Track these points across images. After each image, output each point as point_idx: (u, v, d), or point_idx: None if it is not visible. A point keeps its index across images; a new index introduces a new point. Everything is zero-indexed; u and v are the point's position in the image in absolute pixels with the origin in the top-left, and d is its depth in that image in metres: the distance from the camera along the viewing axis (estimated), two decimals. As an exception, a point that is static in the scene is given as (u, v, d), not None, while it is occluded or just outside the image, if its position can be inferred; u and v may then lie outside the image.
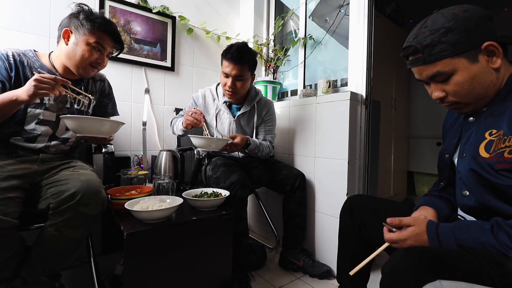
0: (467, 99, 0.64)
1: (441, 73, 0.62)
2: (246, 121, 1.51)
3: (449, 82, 0.63)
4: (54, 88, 0.87)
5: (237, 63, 1.31)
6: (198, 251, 1.02)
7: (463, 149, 0.68)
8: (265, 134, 1.54)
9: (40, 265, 0.88)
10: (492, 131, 0.62)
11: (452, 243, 0.57)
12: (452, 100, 0.66)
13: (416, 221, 0.65)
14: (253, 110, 1.51)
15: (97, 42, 1.03)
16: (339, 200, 1.38)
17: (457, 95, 0.64)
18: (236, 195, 1.21)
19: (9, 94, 0.88)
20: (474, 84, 0.62)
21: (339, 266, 0.98)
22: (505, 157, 0.57)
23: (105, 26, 1.04)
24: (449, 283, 0.45)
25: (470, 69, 0.61)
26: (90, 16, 1.02)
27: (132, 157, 1.65)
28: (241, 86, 1.37)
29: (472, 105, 0.65)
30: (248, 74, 1.38)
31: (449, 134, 0.79)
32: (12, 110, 0.92)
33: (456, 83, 0.62)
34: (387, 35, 2.51)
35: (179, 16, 1.83)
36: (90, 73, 1.09)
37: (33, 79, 0.85)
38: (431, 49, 0.61)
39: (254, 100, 1.50)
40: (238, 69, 1.32)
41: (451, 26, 0.59)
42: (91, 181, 0.91)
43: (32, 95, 0.85)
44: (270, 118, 1.55)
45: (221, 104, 1.47)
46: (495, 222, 0.56)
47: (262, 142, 1.49)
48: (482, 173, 0.60)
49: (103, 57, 1.08)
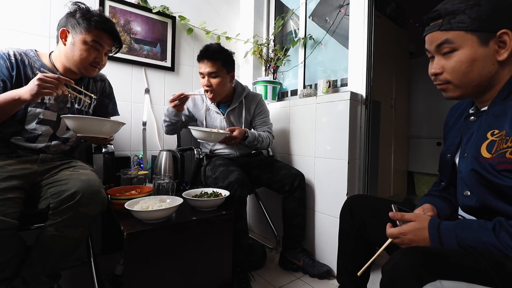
0: (459, 80, 0.64)
1: (450, 41, 0.62)
2: (236, 117, 1.53)
3: (450, 57, 0.63)
4: (57, 87, 0.88)
5: (208, 60, 1.36)
6: (198, 251, 1.02)
7: (465, 149, 0.68)
8: (261, 126, 1.57)
9: (40, 265, 0.88)
10: (494, 131, 0.61)
11: (453, 241, 0.57)
12: (445, 78, 0.66)
13: (418, 217, 0.65)
14: (241, 106, 1.53)
15: (94, 41, 1.02)
16: (339, 200, 1.38)
17: (453, 73, 0.64)
18: (235, 195, 1.21)
19: (11, 93, 0.88)
20: (473, 67, 0.62)
21: (339, 266, 0.97)
22: (507, 158, 0.56)
23: (102, 24, 1.02)
24: (449, 283, 0.44)
25: (476, 51, 0.61)
26: (86, 14, 1.01)
27: (132, 157, 1.65)
28: (217, 83, 1.38)
29: (460, 89, 0.65)
30: (223, 71, 1.39)
31: (450, 134, 0.79)
32: (14, 109, 0.92)
33: (457, 60, 0.62)
34: (387, 35, 2.51)
35: (179, 16, 1.83)
36: (92, 73, 1.08)
37: (36, 78, 0.85)
38: (451, 17, 0.61)
39: (242, 95, 1.52)
40: (210, 66, 1.36)
41: (480, 1, 0.59)
42: (91, 181, 0.91)
43: (36, 94, 0.85)
44: (261, 111, 1.58)
45: (210, 104, 1.51)
46: (498, 221, 0.56)
47: (261, 133, 1.52)
48: (484, 174, 0.60)
49: (101, 56, 1.07)
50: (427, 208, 0.75)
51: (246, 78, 2.16)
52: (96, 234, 1.50)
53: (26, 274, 0.87)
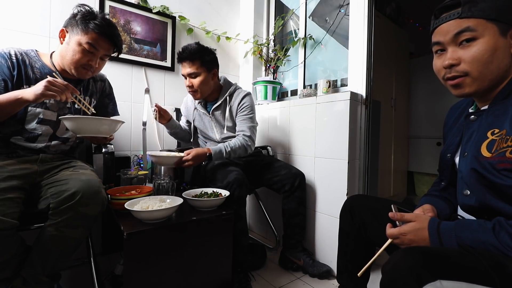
0: (479, 71, 0.61)
1: (471, 29, 0.60)
2: (221, 115, 1.50)
3: (470, 46, 0.61)
4: (63, 92, 0.89)
5: (186, 61, 1.35)
6: (198, 251, 1.02)
7: (465, 148, 0.68)
8: (240, 125, 1.45)
9: (40, 265, 0.88)
10: (494, 130, 0.61)
11: (453, 242, 0.57)
12: (464, 69, 0.62)
13: (418, 217, 0.65)
14: (226, 103, 1.49)
15: (89, 43, 1.00)
16: (339, 200, 1.38)
17: (474, 63, 0.61)
18: (234, 195, 1.21)
19: (14, 93, 0.88)
20: (494, 58, 0.60)
21: (339, 266, 0.97)
22: (507, 157, 0.56)
23: (101, 28, 1.01)
24: (449, 283, 0.44)
25: (497, 40, 0.59)
26: (87, 16, 1.00)
27: (132, 157, 1.65)
28: (198, 83, 1.37)
29: (477, 83, 0.62)
30: (203, 70, 1.36)
31: (450, 133, 0.79)
32: (15, 109, 0.92)
33: (479, 48, 0.60)
34: (387, 35, 2.51)
35: (179, 16, 1.83)
36: (84, 75, 1.06)
37: (45, 80, 0.86)
38: (472, 4, 0.60)
39: (227, 92, 1.48)
40: (189, 67, 1.35)
41: None
42: (91, 181, 0.91)
43: (40, 95, 0.85)
44: (243, 108, 1.46)
45: (197, 104, 1.52)
46: (497, 221, 0.56)
47: (231, 142, 1.37)
48: (484, 173, 0.60)
49: (95, 59, 1.04)
50: (427, 208, 0.75)
51: (246, 78, 2.16)
52: (96, 234, 1.50)
53: (26, 274, 0.87)
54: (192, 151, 1.26)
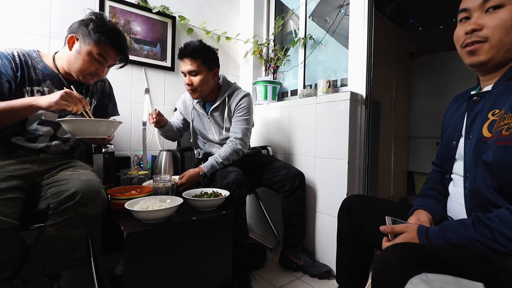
0: (499, 38, 0.62)
1: None
2: (220, 116, 1.49)
3: (496, 13, 0.62)
4: (76, 104, 0.92)
5: (188, 58, 1.34)
6: (198, 251, 1.02)
7: (469, 131, 0.68)
8: (234, 126, 1.44)
9: (40, 265, 0.88)
10: (495, 111, 0.62)
11: (442, 244, 0.59)
12: (485, 35, 0.63)
13: (407, 228, 0.66)
14: (224, 103, 1.47)
15: (99, 54, 1.03)
16: (339, 200, 1.35)
17: (496, 29, 0.62)
18: (234, 195, 1.21)
19: (28, 99, 0.90)
20: None
21: (338, 266, 0.98)
22: (503, 135, 0.57)
23: (112, 40, 1.03)
24: (435, 276, 0.45)
25: None
26: (100, 27, 1.01)
27: (132, 157, 1.65)
28: (198, 81, 1.36)
29: (493, 51, 0.63)
30: (203, 68, 1.36)
31: (452, 122, 0.78)
32: (27, 114, 0.94)
33: (504, 15, 0.61)
34: (387, 35, 2.51)
35: (179, 16, 1.83)
36: (89, 82, 1.10)
37: (63, 91, 0.90)
38: None
39: (226, 92, 1.47)
40: (190, 64, 1.34)
41: None
42: (91, 181, 0.92)
43: (54, 103, 0.87)
44: (240, 108, 1.44)
45: (195, 104, 1.50)
46: (476, 217, 0.58)
47: (221, 151, 1.36)
48: (483, 156, 0.60)
49: (103, 68, 1.08)
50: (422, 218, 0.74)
51: (246, 78, 2.16)
52: (96, 234, 1.50)
53: (26, 274, 0.87)
54: (185, 174, 1.28)
